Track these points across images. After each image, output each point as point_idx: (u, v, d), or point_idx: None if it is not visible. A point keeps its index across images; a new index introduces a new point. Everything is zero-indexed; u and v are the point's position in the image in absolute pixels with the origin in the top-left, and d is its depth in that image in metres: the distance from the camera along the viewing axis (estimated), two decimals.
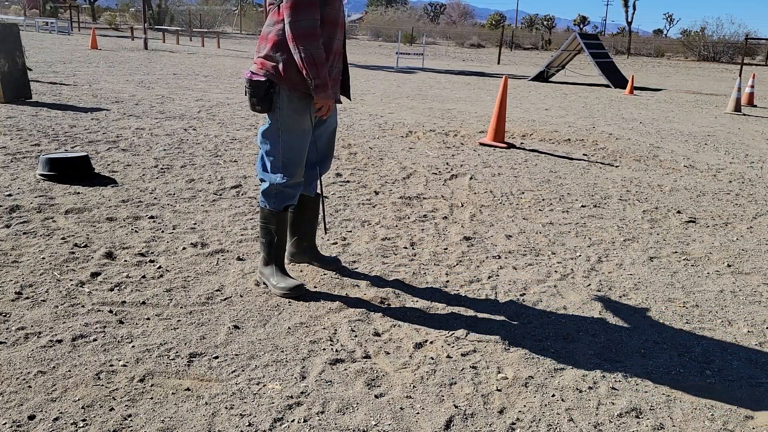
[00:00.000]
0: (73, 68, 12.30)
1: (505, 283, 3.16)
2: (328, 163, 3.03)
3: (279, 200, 2.82)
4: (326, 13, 2.57)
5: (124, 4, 49.45)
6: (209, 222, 3.79)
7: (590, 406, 2.16)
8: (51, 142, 5.60)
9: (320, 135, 2.91)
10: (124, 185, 4.44)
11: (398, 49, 20.19)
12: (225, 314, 2.65)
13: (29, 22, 30.30)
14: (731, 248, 3.93)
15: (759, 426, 2.11)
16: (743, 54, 26.97)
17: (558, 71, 17.58)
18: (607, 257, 3.63)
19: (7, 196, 4.02)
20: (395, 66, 18.93)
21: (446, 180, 5.22)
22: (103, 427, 1.89)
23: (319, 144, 2.92)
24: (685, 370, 2.44)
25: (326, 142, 2.96)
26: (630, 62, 32.11)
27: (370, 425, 1.98)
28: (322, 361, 2.33)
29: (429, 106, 9.89)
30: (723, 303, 3.10)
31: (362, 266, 3.26)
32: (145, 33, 20.62)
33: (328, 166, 3.04)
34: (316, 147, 2.92)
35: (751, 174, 6.21)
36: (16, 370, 2.15)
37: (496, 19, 58.99)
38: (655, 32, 66.45)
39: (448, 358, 2.41)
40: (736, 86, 11.64)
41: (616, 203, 4.82)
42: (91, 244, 3.33)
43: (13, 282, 2.81)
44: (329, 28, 2.61)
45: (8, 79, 7.50)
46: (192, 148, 5.75)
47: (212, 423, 1.95)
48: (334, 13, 2.62)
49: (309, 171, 2.98)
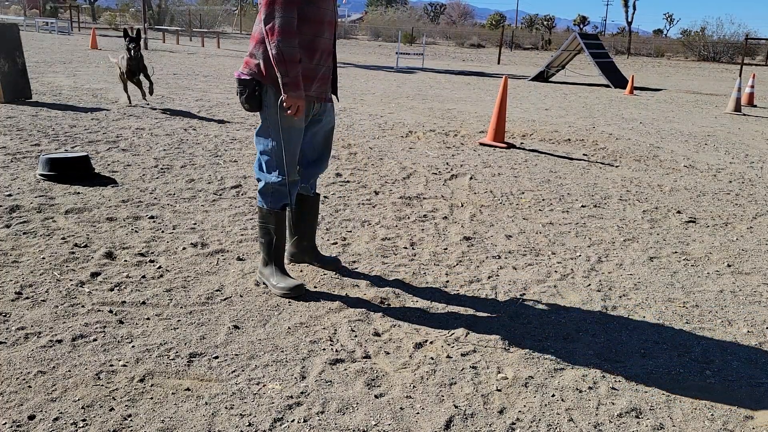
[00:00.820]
0: (74, 68, 12.30)
1: (505, 283, 3.16)
2: (325, 162, 3.03)
3: (275, 199, 2.82)
4: (309, 11, 2.57)
5: (124, 4, 49.42)
6: (209, 222, 3.79)
7: (590, 406, 2.16)
8: (51, 142, 5.60)
9: (316, 133, 2.91)
10: (124, 185, 4.44)
11: (398, 49, 20.18)
12: (225, 314, 2.65)
13: (29, 22, 30.30)
14: (731, 248, 3.93)
15: (759, 426, 2.11)
16: (743, 54, 26.96)
17: (558, 71, 17.58)
18: (607, 257, 3.63)
19: (7, 196, 4.02)
20: (395, 66, 18.93)
21: (446, 180, 5.22)
22: (103, 427, 1.90)
23: (315, 142, 2.92)
24: (685, 370, 2.44)
25: (323, 140, 2.96)
26: (630, 62, 32.11)
27: (370, 425, 1.98)
28: (322, 361, 2.33)
29: (429, 106, 9.89)
30: (723, 303, 3.10)
31: (362, 266, 3.26)
32: (145, 33, 20.62)
33: (325, 165, 3.04)
34: (313, 145, 2.92)
35: (751, 174, 6.21)
36: (16, 370, 2.15)
37: (496, 19, 59.00)
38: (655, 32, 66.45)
39: (448, 358, 2.41)
40: (736, 86, 11.64)
41: (616, 203, 4.82)
42: (91, 244, 3.33)
43: (13, 282, 2.81)
44: (313, 26, 2.60)
45: (8, 79, 7.50)
46: (192, 148, 5.75)
47: (212, 423, 1.95)
48: (319, 11, 2.60)
49: (306, 170, 2.98)
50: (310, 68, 2.66)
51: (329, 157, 3.06)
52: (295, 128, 2.73)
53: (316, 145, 2.94)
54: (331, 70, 2.78)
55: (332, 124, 2.97)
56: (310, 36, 2.61)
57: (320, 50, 2.67)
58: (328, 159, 3.04)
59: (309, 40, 2.61)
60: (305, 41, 2.60)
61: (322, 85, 2.74)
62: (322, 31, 2.65)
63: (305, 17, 2.57)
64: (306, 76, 2.65)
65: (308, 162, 2.97)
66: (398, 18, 54.77)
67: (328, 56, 2.74)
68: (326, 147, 3.00)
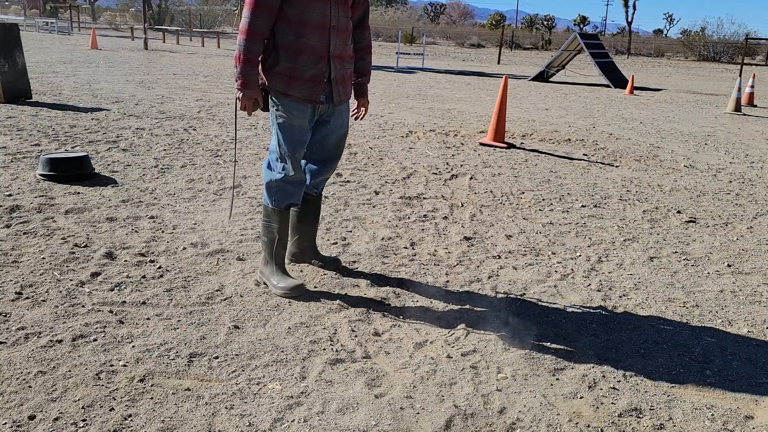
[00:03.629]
0: (74, 68, 12.30)
1: (505, 283, 3.16)
2: (333, 165, 3.02)
3: (280, 197, 2.83)
4: (291, 12, 2.61)
5: (124, 4, 49.42)
6: (209, 222, 3.79)
7: (590, 406, 2.16)
8: (51, 142, 5.60)
9: (327, 135, 2.90)
10: (124, 185, 4.44)
11: (398, 49, 20.18)
12: (225, 314, 2.65)
13: (29, 22, 30.30)
14: (731, 248, 3.93)
15: (759, 426, 2.11)
16: (743, 54, 26.95)
17: (558, 71, 17.58)
18: (607, 257, 3.63)
19: (7, 196, 4.02)
20: (395, 66, 18.93)
21: (446, 180, 5.22)
22: (103, 427, 1.90)
23: (325, 145, 2.92)
24: (685, 370, 2.44)
25: (334, 143, 2.95)
26: (630, 62, 32.11)
27: (370, 425, 1.98)
28: (322, 361, 2.33)
29: (429, 106, 9.89)
30: (723, 303, 3.10)
31: (362, 266, 3.26)
32: (145, 33, 20.62)
33: (333, 167, 3.03)
34: (322, 147, 2.93)
35: (751, 174, 6.21)
36: (16, 370, 2.15)
37: (496, 19, 58.98)
38: (655, 32, 66.45)
39: (448, 358, 2.41)
40: (736, 86, 11.64)
41: (616, 203, 4.82)
42: (91, 244, 3.33)
43: (13, 282, 2.81)
44: (297, 28, 2.63)
45: (8, 79, 7.50)
46: (192, 148, 5.75)
47: (212, 423, 1.95)
48: (304, 14, 2.61)
49: (312, 171, 2.99)
50: (294, 68, 2.66)
51: (338, 161, 3.04)
52: (296, 127, 2.73)
53: (326, 147, 2.93)
54: (326, 74, 2.73)
55: (345, 129, 2.96)
56: (293, 37, 2.63)
57: (306, 52, 2.65)
58: (336, 162, 3.03)
59: (291, 41, 2.64)
60: (287, 41, 2.64)
61: (314, 87, 2.70)
62: (308, 34, 2.63)
63: (286, 19, 2.63)
64: (289, 76, 2.66)
65: (316, 163, 2.97)
66: (398, 18, 54.79)
67: (321, 59, 2.69)
68: (337, 150, 2.99)
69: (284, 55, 2.65)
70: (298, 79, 2.68)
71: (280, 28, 2.63)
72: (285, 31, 2.63)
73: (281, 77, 2.67)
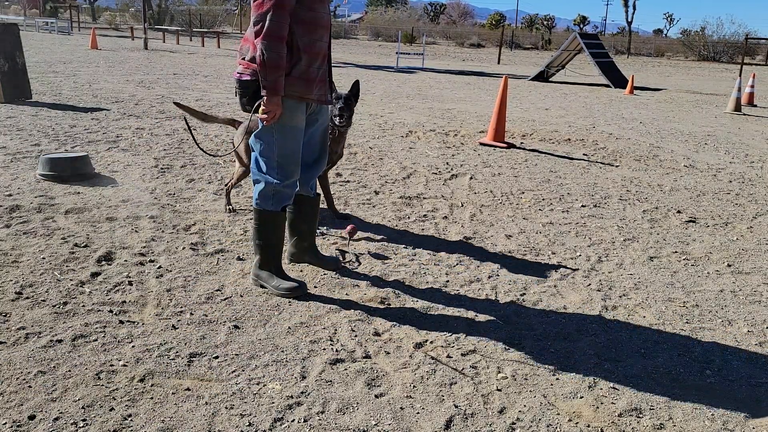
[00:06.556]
0: (74, 68, 12.30)
1: (505, 283, 3.16)
2: (323, 162, 3.03)
3: (277, 201, 2.80)
4: (305, 15, 2.56)
5: (124, 4, 49.40)
6: (209, 222, 3.79)
7: (590, 406, 2.16)
8: (51, 142, 5.60)
9: (313, 134, 2.91)
10: (124, 185, 4.44)
11: (398, 49, 20.18)
12: (225, 314, 2.65)
13: (29, 22, 30.29)
14: (731, 248, 3.93)
15: (759, 426, 2.11)
16: (743, 54, 26.95)
17: (558, 71, 17.58)
18: (607, 257, 3.63)
19: (7, 196, 4.02)
20: (395, 66, 18.93)
21: (446, 180, 5.22)
22: (103, 427, 1.90)
23: (312, 143, 2.92)
24: (685, 370, 2.44)
25: (319, 141, 2.96)
26: (630, 62, 32.11)
27: (370, 425, 1.98)
28: (322, 361, 2.33)
29: (429, 106, 9.89)
30: (723, 303, 3.10)
31: (362, 266, 3.26)
32: (145, 33, 20.61)
33: (323, 165, 3.04)
34: (311, 146, 2.92)
35: (751, 174, 6.21)
36: (17, 370, 2.15)
37: (496, 19, 59.00)
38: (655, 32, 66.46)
39: (448, 358, 2.41)
40: (736, 86, 11.64)
41: (616, 203, 4.82)
42: (91, 244, 3.33)
43: (13, 282, 2.81)
44: (311, 30, 2.59)
45: (8, 79, 7.50)
46: (192, 148, 5.75)
47: (212, 423, 1.95)
48: (316, 15, 2.60)
49: (305, 171, 2.98)
50: (310, 71, 2.65)
51: (327, 156, 3.05)
52: (297, 128, 2.72)
53: (313, 145, 2.94)
54: (327, 72, 2.77)
55: (326, 124, 2.98)
56: (308, 40, 2.60)
57: (317, 54, 2.66)
58: (326, 159, 3.04)
59: (307, 43, 2.60)
60: (304, 45, 2.59)
61: (322, 87, 2.74)
62: (319, 35, 2.64)
63: (302, 21, 2.56)
64: (307, 80, 2.65)
65: (307, 163, 2.96)
66: (398, 18, 54.77)
67: (325, 60, 2.73)
68: (323, 147, 2.99)
69: (302, 57, 2.60)
70: (313, 81, 2.67)
71: (293, 30, 2.56)
72: (299, 33, 2.57)
73: (300, 81, 2.62)
